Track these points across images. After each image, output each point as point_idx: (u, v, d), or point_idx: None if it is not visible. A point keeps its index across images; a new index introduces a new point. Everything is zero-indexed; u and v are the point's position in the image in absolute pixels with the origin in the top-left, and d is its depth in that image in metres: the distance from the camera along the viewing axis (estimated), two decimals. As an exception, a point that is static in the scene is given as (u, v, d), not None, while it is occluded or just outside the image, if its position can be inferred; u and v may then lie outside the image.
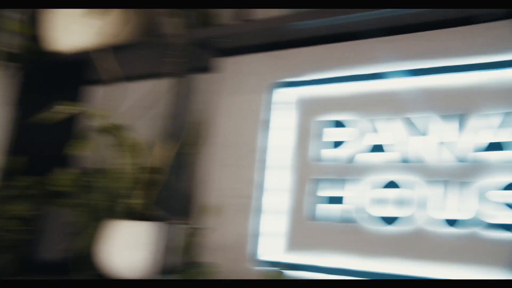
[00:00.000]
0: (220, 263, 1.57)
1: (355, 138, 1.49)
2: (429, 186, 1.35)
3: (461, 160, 1.35)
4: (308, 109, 1.57)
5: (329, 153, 1.53)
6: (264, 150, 1.59)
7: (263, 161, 1.59)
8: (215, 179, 1.67)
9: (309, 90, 1.59)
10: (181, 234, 1.54)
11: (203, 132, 1.76)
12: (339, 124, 1.51)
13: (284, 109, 1.61)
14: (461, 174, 1.32)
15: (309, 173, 1.54)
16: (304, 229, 1.51)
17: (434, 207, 1.34)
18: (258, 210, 1.57)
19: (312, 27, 1.47)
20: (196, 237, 1.60)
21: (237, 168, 1.64)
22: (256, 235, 1.55)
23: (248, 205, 1.59)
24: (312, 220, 1.50)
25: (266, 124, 1.59)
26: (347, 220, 1.45)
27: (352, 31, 1.53)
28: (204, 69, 1.70)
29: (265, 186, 1.57)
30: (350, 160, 1.48)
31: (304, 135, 1.57)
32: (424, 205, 1.35)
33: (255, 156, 1.62)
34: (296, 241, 1.52)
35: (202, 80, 1.79)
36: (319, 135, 1.53)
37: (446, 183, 1.34)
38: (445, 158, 1.36)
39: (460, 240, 1.29)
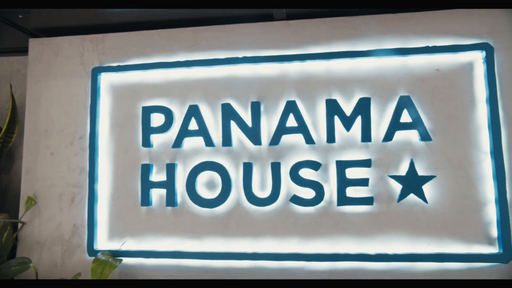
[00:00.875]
0: (50, 255, 1.49)
1: (178, 123, 1.54)
2: (245, 168, 1.45)
3: (270, 143, 1.46)
4: (134, 94, 1.57)
5: (155, 138, 1.54)
6: (91, 136, 1.54)
7: (91, 148, 1.54)
8: (40, 169, 1.58)
9: (133, 76, 1.58)
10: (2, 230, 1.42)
11: (21, 118, 1.64)
12: (163, 110, 1.53)
13: (108, 94, 1.58)
14: (271, 155, 1.45)
15: (137, 159, 1.54)
16: (135, 214, 1.51)
17: (250, 186, 1.44)
18: (88, 199, 1.53)
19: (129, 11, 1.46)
20: (19, 232, 1.50)
21: (63, 156, 1.57)
22: (87, 224, 1.50)
23: (77, 194, 1.54)
24: (143, 205, 1.51)
25: (91, 110, 1.54)
26: (175, 204, 1.48)
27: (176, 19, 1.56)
28: (18, 50, 1.58)
29: (95, 174, 1.53)
30: (175, 145, 1.52)
31: (131, 121, 1.57)
32: (241, 185, 1.45)
33: (82, 143, 1.56)
34: (128, 228, 1.51)
35: (17, 62, 1.66)
36: (146, 120, 1.54)
37: (261, 164, 1.45)
38: (257, 141, 1.47)
39: (274, 214, 1.42)
